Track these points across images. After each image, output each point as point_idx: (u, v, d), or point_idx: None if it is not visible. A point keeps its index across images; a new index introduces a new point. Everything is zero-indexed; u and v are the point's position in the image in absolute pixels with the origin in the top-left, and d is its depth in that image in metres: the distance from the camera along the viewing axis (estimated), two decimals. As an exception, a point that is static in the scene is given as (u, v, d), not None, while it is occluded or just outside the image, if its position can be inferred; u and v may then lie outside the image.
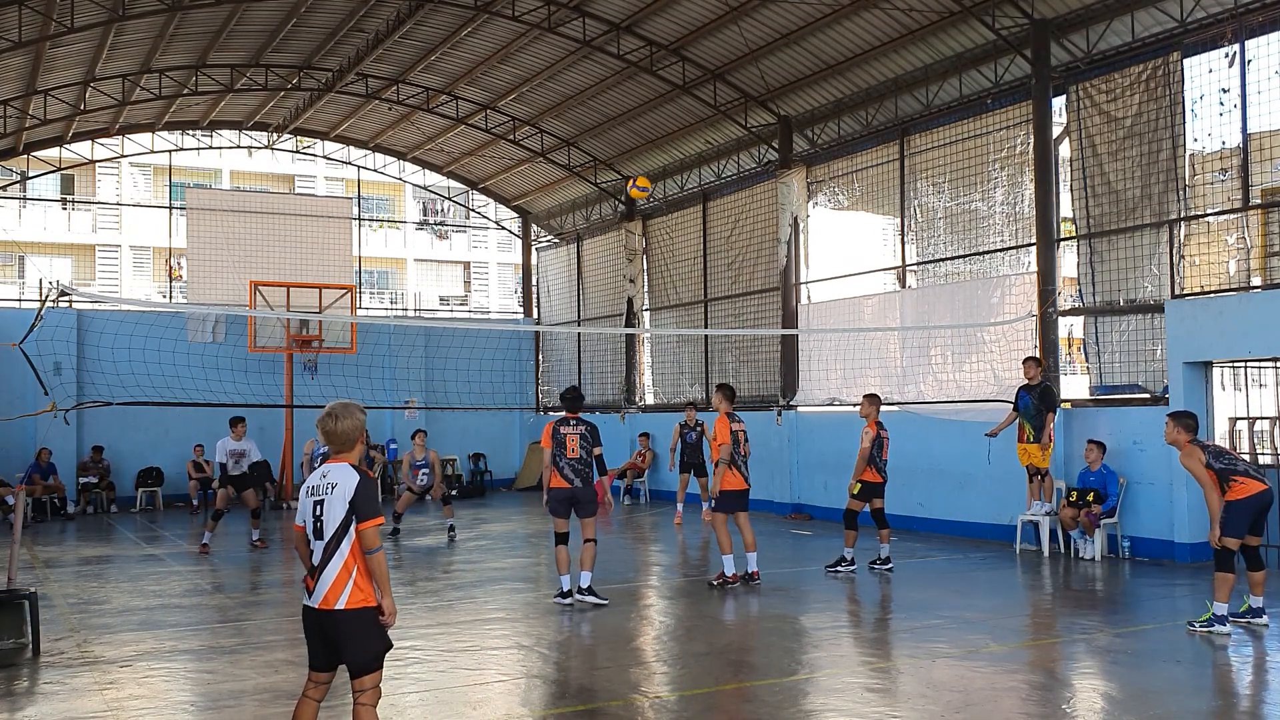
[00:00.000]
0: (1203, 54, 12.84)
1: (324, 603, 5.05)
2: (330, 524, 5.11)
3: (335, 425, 5.22)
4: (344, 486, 5.12)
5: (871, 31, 16.17)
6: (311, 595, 5.11)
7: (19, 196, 29.99)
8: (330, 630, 5.11)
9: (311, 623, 5.16)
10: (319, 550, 5.12)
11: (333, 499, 5.12)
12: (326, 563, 5.07)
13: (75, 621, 9.83)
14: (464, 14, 17.97)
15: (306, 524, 5.21)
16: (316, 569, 5.10)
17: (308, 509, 5.21)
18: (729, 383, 13.46)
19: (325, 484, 5.18)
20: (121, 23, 17.12)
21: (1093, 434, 13.32)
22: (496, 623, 9.76)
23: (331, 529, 5.10)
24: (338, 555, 5.07)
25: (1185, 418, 9.11)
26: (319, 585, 5.08)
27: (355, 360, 22.34)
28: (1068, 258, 16.20)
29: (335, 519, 5.10)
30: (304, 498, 5.25)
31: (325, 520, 5.12)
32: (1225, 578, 8.67)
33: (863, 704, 6.89)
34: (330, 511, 5.12)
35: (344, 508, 5.09)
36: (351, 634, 5.10)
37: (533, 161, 24.78)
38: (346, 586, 5.06)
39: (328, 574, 5.06)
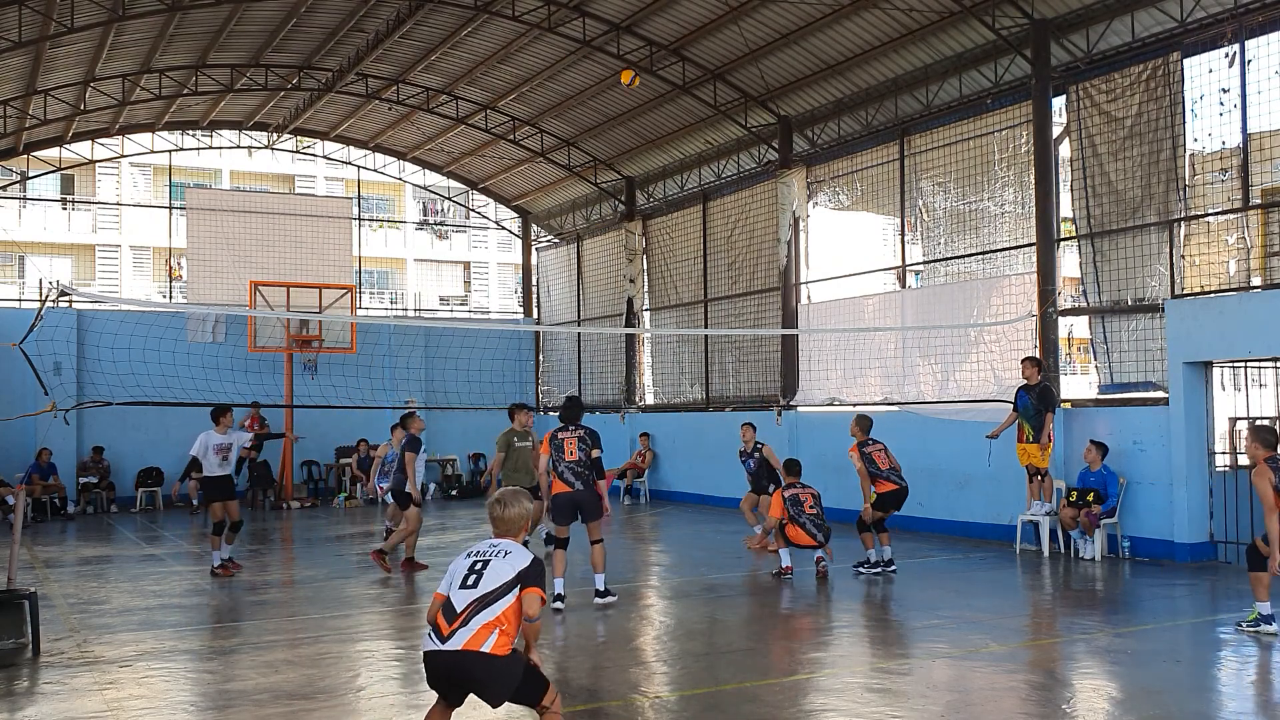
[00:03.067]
0: (1203, 54, 12.84)
1: (470, 643, 5.08)
2: (492, 582, 5.20)
3: (503, 512, 5.46)
4: (518, 558, 5.29)
5: (871, 31, 16.17)
6: (448, 639, 5.10)
7: (19, 196, 29.98)
8: (468, 671, 5.12)
9: (444, 665, 5.15)
10: (464, 599, 5.16)
11: (502, 563, 5.27)
12: (477, 612, 5.13)
13: (75, 621, 9.83)
14: (464, 14, 17.97)
15: (455, 580, 5.26)
16: (460, 615, 5.13)
17: (463, 566, 5.30)
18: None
19: (494, 550, 5.35)
20: (121, 23, 17.11)
21: (1093, 434, 13.32)
22: (496, 623, 9.75)
23: (491, 586, 5.19)
24: (492, 608, 5.14)
25: (1265, 433, 8.78)
26: (463, 630, 5.10)
27: (355, 360, 22.35)
28: (1068, 258, 16.22)
29: (499, 579, 5.21)
30: (461, 560, 5.36)
31: (486, 576, 5.22)
32: (1260, 576, 8.57)
33: (863, 704, 6.89)
34: (495, 571, 5.24)
35: (512, 574, 5.21)
36: (495, 675, 5.15)
37: (533, 161, 24.78)
38: (492, 635, 5.12)
39: (475, 621, 5.11)
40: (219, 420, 12.71)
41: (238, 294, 21.61)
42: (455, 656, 5.10)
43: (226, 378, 19.47)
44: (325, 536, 16.86)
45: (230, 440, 12.78)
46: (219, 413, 12.76)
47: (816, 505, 11.76)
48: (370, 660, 8.35)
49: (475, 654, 5.07)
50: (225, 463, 12.69)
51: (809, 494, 11.76)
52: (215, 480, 12.64)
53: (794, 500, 11.68)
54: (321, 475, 23.74)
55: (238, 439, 12.99)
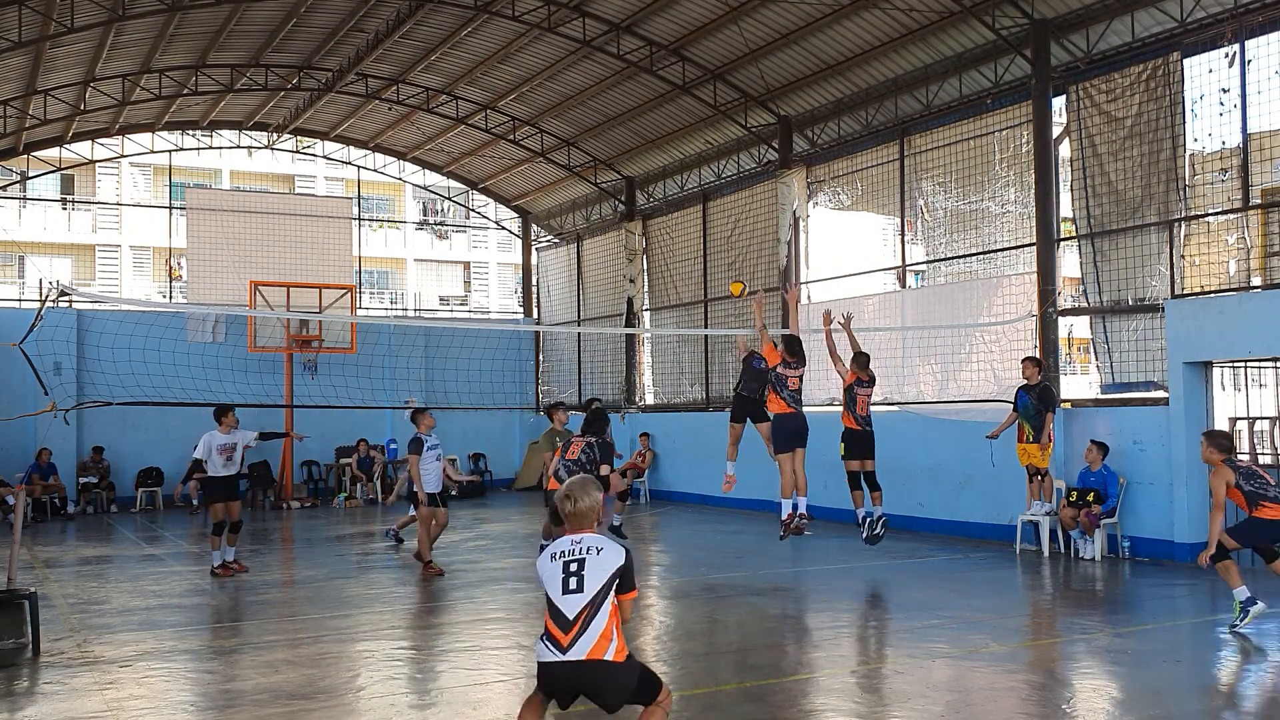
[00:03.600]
0: (1203, 54, 12.84)
1: (593, 652, 5.04)
2: (593, 584, 5.14)
3: (574, 506, 5.32)
4: (610, 554, 5.22)
5: (871, 31, 16.16)
6: (569, 649, 5.05)
7: (19, 196, 29.98)
8: (592, 682, 5.09)
9: (568, 678, 5.09)
10: (575, 605, 5.11)
11: (597, 559, 5.19)
12: (591, 618, 5.09)
13: (75, 621, 9.83)
14: (464, 14, 17.96)
15: (554, 585, 5.18)
16: (575, 623, 5.08)
17: (555, 570, 5.20)
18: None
19: (581, 548, 5.24)
20: (121, 23, 17.11)
21: (1093, 434, 13.32)
22: (496, 623, 9.76)
23: (595, 588, 5.13)
24: (602, 612, 5.11)
25: (1219, 437, 9.15)
26: (582, 639, 5.05)
27: (355, 360, 22.34)
28: (1068, 258, 16.21)
29: (599, 580, 5.15)
30: (547, 562, 5.26)
31: (587, 576, 5.15)
32: (1228, 565, 8.77)
33: (863, 704, 6.89)
34: (595, 570, 5.17)
35: (611, 571, 5.16)
36: (618, 682, 5.11)
37: (533, 161, 24.78)
38: (611, 642, 5.09)
39: (594, 628, 5.07)
40: (221, 420, 12.59)
41: (238, 294, 21.61)
42: (578, 667, 5.05)
43: (226, 378, 19.45)
44: (325, 536, 16.86)
45: (234, 440, 12.62)
46: (221, 412, 12.64)
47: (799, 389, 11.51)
48: (370, 660, 8.35)
49: (599, 664, 5.03)
50: (230, 463, 12.56)
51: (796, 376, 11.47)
52: (220, 480, 12.54)
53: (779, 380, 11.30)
54: (321, 475, 23.74)
55: (242, 438, 12.77)
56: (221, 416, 12.62)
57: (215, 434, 12.54)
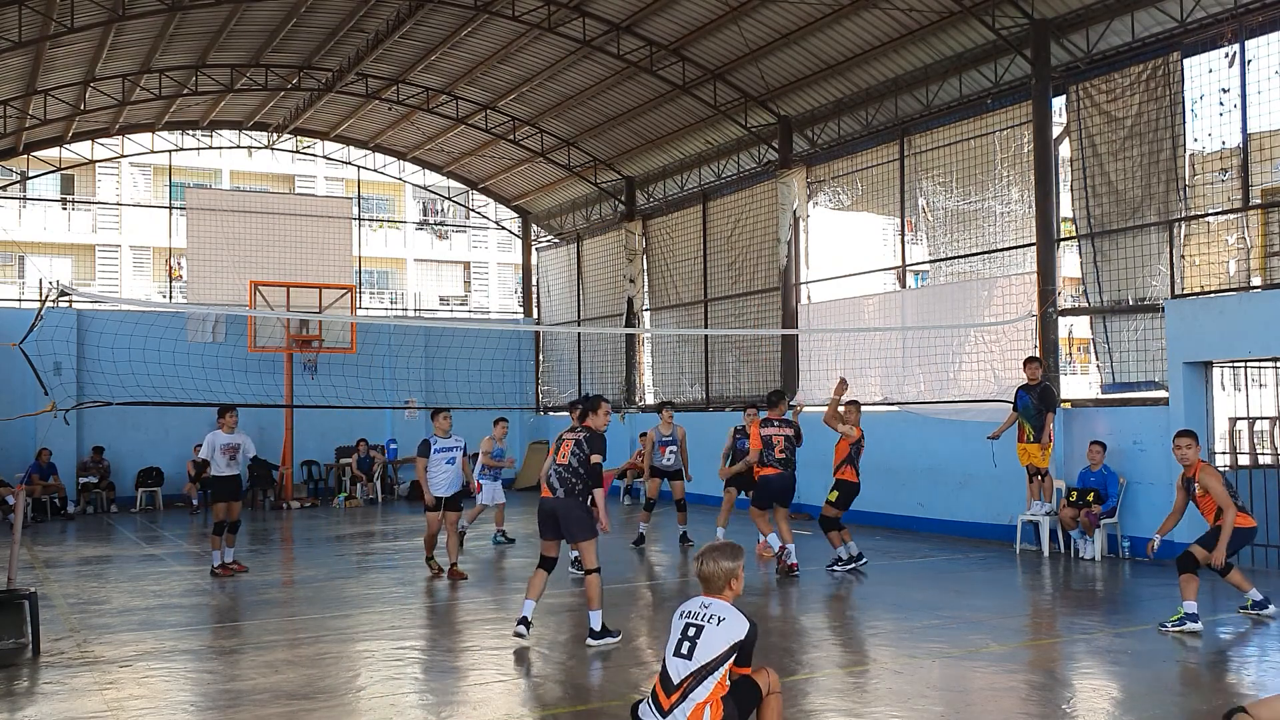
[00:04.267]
0: (1203, 54, 12.84)
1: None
2: (708, 652, 5.12)
3: (702, 569, 5.36)
4: (733, 626, 5.19)
5: (871, 31, 16.17)
6: (668, 714, 5.09)
7: (19, 196, 29.98)
8: None
9: None
10: (681, 671, 5.12)
11: (716, 630, 5.17)
12: (695, 686, 5.09)
13: (75, 621, 9.83)
14: (464, 14, 17.97)
15: (671, 642, 5.22)
16: (678, 687, 5.10)
17: (677, 628, 5.25)
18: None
19: (707, 613, 5.24)
20: (121, 23, 17.12)
21: (1093, 434, 13.32)
22: (496, 623, 9.75)
23: (708, 657, 5.11)
24: (709, 682, 5.10)
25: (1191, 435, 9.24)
26: (681, 706, 5.08)
27: (355, 360, 22.35)
28: (1068, 258, 16.21)
29: (715, 649, 5.13)
30: (675, 619, 5.32)
31: (700, 645, 5.13)
32: (1190, 579, 8.83)
33: (863, 704, 6.89)
34: (710, 640, 5.15)
35: (727, 645, 5.13)
36: None
37: (533, 161, 24.78)
38: (705, 711, 5.08)
39: (695, 696, 5.08)
40: (223, 418, 12.62)
41: (238, 294, 21.61)
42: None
43: (226, 378, 19.46)
44: (325, 536, 16.86)
45: (238, 440, 12.64)
46: (224, 411, 12.67)
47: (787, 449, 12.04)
48: (370, 660, 8.35)
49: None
50: (233, 463, 12.57)
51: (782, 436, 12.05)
52: (222, 480, 12.58)
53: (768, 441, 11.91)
54: (321, 475, 23.74)
55: (245, 439, 12.81)
56: (225, 414, 12.62)
57: (219, 433, 12.55)
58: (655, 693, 5.16)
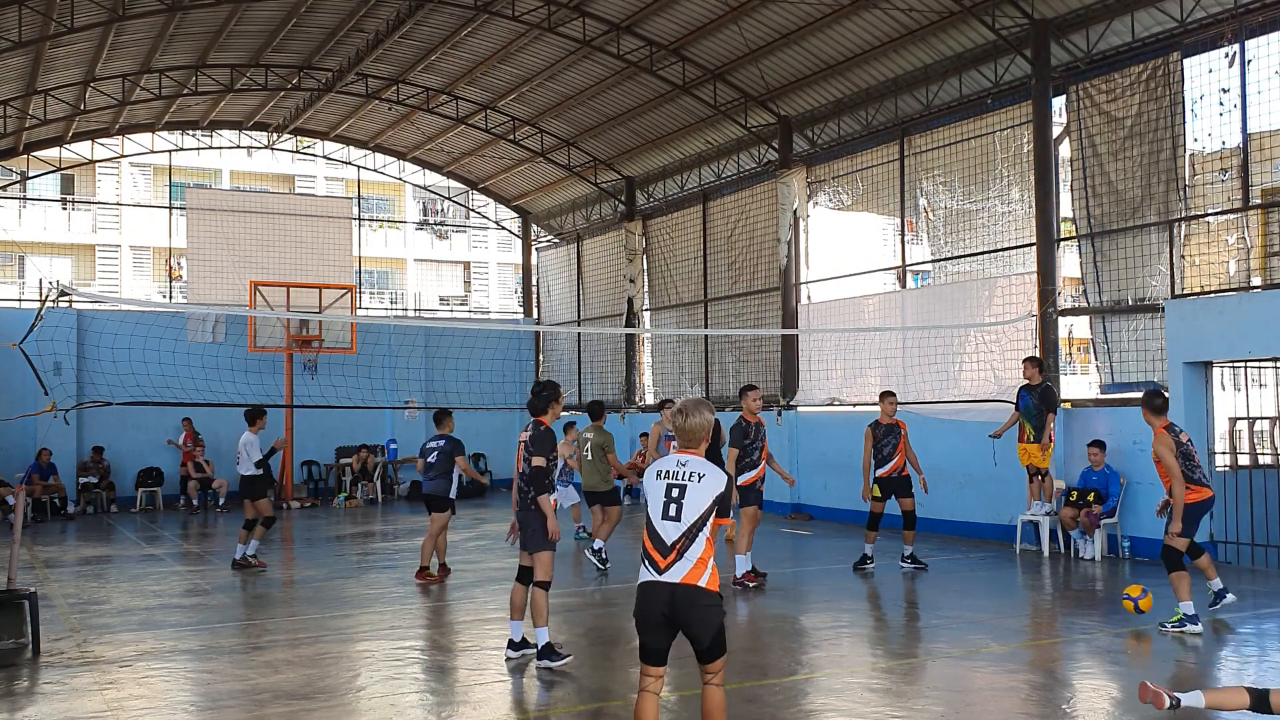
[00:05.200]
0: (1203, 54, 12.84)
1: (688, 578, 5.29)
2: (693, 511, 5.35)
3: (684, 422, 5.53)
4: (711, 481, 5.40)
5: (871, 31, 16.16)
6: (665, 571, 5.31)
7: (19, 196, 29.98)
8: (684, 604, 5.30)
9: (663, 597, 5.32)
10: (675, 531, 5.35)
11: (698, 487, 5.39)
12: (689, 544, 5.32)
13: (75, 621, 9.83)
14: (464, 14, 17.96)
15: (654, 507, 5.44)
16: (672, 548, 5.33)
17: (658, 491, 5.45)
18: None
19: (685, 471, 5.45)
20: (121, 23, 17.11)
21: (1093, 434, 13.32)
22: (496, 623, 9.75)
23: (694, 516, 5.35)
24: (700, 539, 5.34)
25: (1156, 398, 9.03)
26: (679, 563, 5.30)
27: (355, 360, 22.34)
28: (1068, 258, 16.21)
29: (699, 507, 5.36)
30: (653, 479, 5.51)
31: (686, 505, 5.37)
32: (1182, 576, 8.79)
33: (863, 704, 6.89)
34: (695, 499, 5.37)
35: (709, 500, 5.36)
36: (705, 611, 5.32)
37: (533, 161, 24.78)
38: (707, 569, 5.33)
39: (690, 554, 5.31)
40: (254, 422, 13.32)
41: (238, 294, 21.60)
42: (674, 589, 5.31)
43: (226, 378, 19.46)
44: (325, 536, 16.86)
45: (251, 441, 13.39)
46: (256, 414, 13.37)
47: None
48: (370, 660, 8.35)
49: (694, 588, 5.30)
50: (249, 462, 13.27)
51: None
52: (249, 479, 13.25)
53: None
54: (321, 475, 23.74)
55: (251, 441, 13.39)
56: (256, 418, 13.37)
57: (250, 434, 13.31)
58: (649, 553, 5.37)
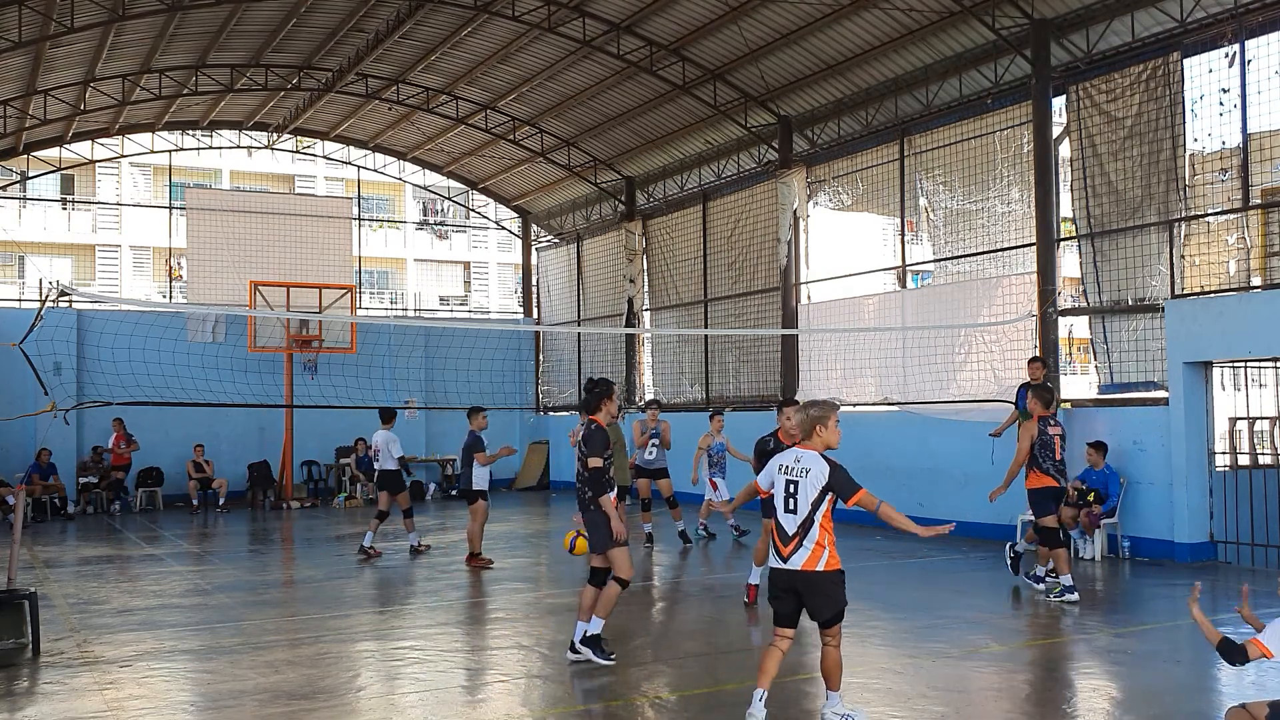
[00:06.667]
0: (1203, 54, 12.85)
1: (807, 564, 6.01)
2: (805, 503, 6.03)
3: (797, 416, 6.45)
4: (817, 473, 6.03)
5: (871, 31, 16.16)
6: (788, 559, 6.05)
7: (19, 196, 29.99)
8: (806, 589, 6.04)
9: (786, 582, 6.09)
10: (792, 524, 6.06)
11: (806, 482, 6.05)
12: (805, 534, 6.01)
13: (75, 621, 9.83)
14: (464, 14, 17.96)
15: (777, 495, 6.14)
16: (792, 538, 6.03)
17: (780, 484, 6.15)
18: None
19: (799, 467, 6.12)
20: (121, 23, 17.11)
21: (1093, 434, 13.32)
22: (496, 623, 9.76)
23: (806, 508, 6.03)
24: (815, 528, 6.00)
25: (1045, 392, 10.46)
26: (799, 551, 6.02)
27: (355, 360, 22.35)
28: (1068, 258, 16.21)
29: (809, 499, 6.02)
30: (777, 472, 6.22)
31: (800, 499, 6.04)
32: (1060, 553, 9.99)
33: (863, 704, 6.89)
34: (804, 493, 6.04)
35: (817, 491, 6.00)
36: (824, 591, 6.03)
37: (533, 161, 24.78)
38: (823, 555, 6.00)
39: (808, 541, 6.01)
40: (388, 420, 14.60)
41: (238, 294, 21.60)
42: (794, 575, 6.05)
43: (226, 378, 19.46)
44: (325, 536, 16.86)
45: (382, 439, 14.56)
46: (390, 414, 14.74)
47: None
48: (370, 660, 8.36)
49: (813, 573, 6.00)
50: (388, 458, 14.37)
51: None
52: (390, 474, 14.31)
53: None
54: (321, 475, 23.74)
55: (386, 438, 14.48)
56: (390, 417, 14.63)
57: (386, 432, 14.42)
58: (775, 542, 6.12)
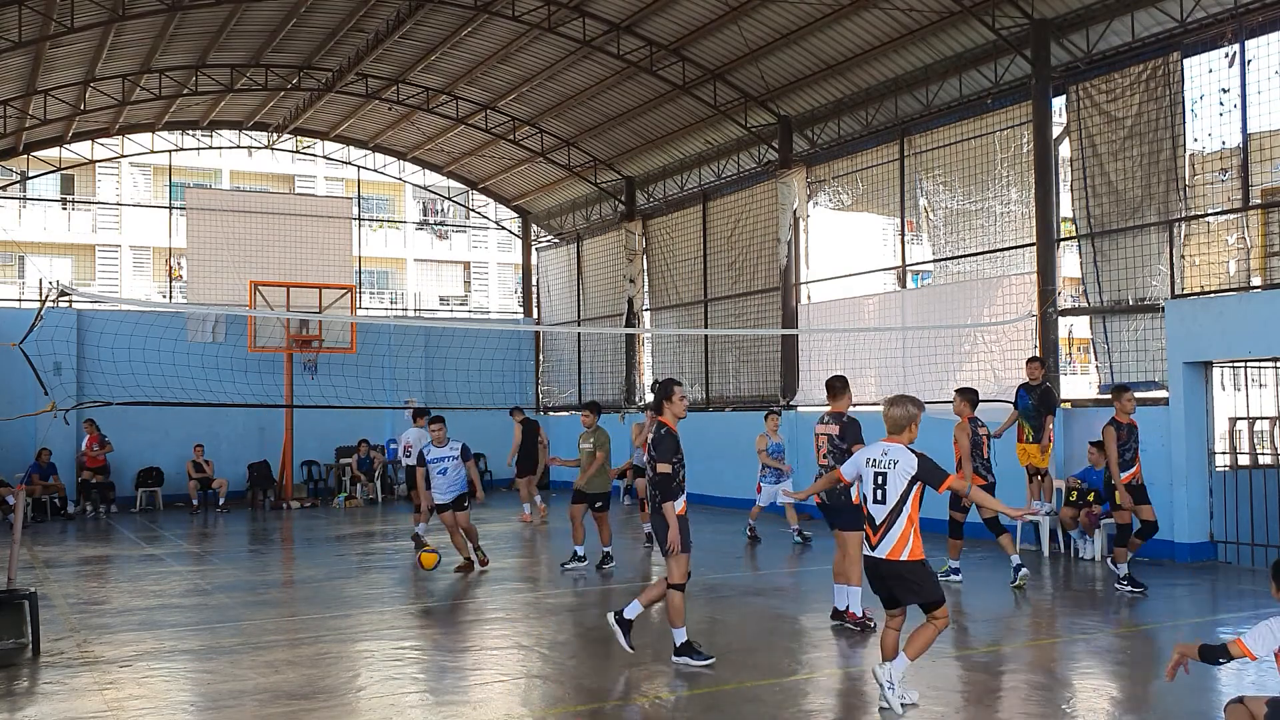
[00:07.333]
0: (1203, 54, 12.85)
1: (891, 554, 6.37)
2: (893, 494, 6.34)
3: (888, 412, 6.52)
4: (905, 465, 6.37)
5: (871, 31, 16.16)
6: (876, 548, 6.42)
7: (19, 196, 29.98)
8: (891, 577, 6.40)
9: (875, 569, 6.48)
10: (880, 514, 6.39)
11: (895, 474, 6.37)
12: (892, 524, 6.35)
13: (75, 621, 9.82)
14: (464, 14, 17.96)
15: (866, 488, 6.47)
16: (879, 527, 6.37)
17: (869, 476, 6.47)
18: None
19: (886, 460, 6.44)
20: (121, 23, 17.11)
21: (1093, 434, 13.30)
22: (496, 623, 9.76)
23: (894, 498, 6.34)
24: (901, 518, 6.34)
25: (971, 394, 10.96)
26: (885, 541, 6.37)
27: (355, 360, 22.34)
28: (1068, 258, 16.21)
29: (898, 490, 6.34)
30: (864, 464, 6.53)
31: (889, 489, 6.36)
32: (956, 543, 11.05)
33: (863, 704, 6.89)
34: (894, 483, 6.36)
35: (905, 482, 6.32)
36: (911, 580, 6.38)
37: (533, 161, 24.78)
38: (908, 545, 6.34)
39: (893, 533, 6.35)
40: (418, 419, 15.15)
41: (238, 294, 21.60)
42: (880, 563, 6.39)
43: (226, 378, 19.46)
44: (325, 536, 16.86)
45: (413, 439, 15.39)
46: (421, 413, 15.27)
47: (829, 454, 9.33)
48: (370, 660, 8.35)
49: (897, 562, 6.35)
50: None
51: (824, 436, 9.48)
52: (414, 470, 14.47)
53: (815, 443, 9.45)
54: (321, 475, 23.73)
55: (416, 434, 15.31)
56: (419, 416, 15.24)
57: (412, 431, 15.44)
58: (866, 532, 6.45)
